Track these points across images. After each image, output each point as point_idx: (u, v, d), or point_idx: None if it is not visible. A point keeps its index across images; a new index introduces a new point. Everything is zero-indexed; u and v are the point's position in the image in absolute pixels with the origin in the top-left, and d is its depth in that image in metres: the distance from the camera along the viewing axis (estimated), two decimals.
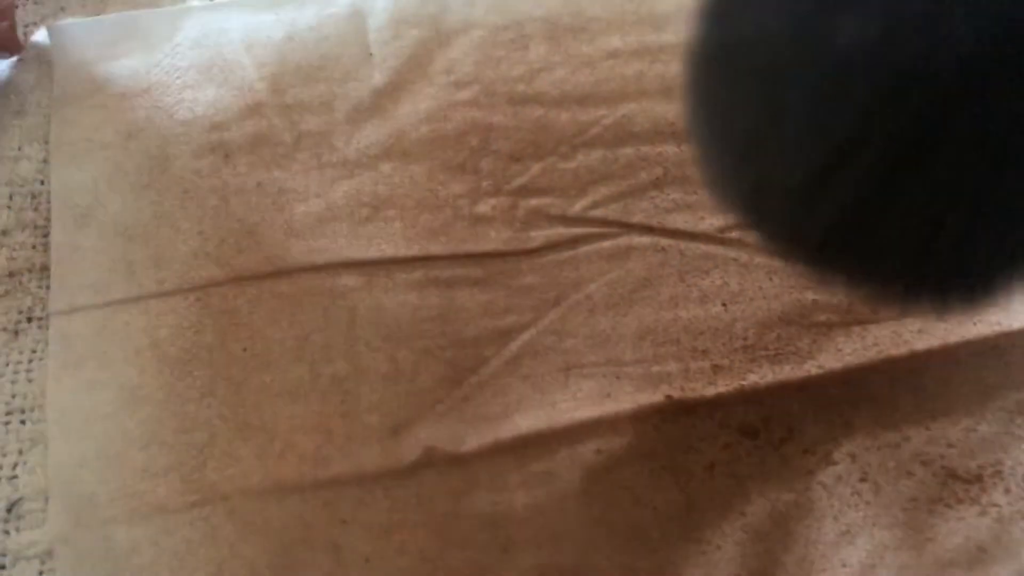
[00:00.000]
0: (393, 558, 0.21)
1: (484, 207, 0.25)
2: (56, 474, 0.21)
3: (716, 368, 0.24)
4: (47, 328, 0.23)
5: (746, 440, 0.23)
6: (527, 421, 0.23)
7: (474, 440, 0.22)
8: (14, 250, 0.24)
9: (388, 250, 0.24)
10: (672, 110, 0.27)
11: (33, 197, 0.25)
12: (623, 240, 0.25)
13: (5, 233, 0.24)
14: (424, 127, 0.26)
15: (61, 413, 0.22)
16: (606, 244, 0.25)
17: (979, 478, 0.22)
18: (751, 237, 0.25)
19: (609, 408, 0.23)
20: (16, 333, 0.23)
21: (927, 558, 0.21)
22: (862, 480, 0.22)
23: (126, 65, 0.25)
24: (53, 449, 0.22)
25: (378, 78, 0.27)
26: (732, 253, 0.25)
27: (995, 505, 0.22)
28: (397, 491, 0.22)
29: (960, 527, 0.22)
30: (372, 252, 0.24)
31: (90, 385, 0.22)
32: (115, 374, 0.22)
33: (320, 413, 0.23)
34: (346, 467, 0.22)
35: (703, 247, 0.25)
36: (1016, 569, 0.22)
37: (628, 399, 0.23)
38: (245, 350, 0.23)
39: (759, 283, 0.25)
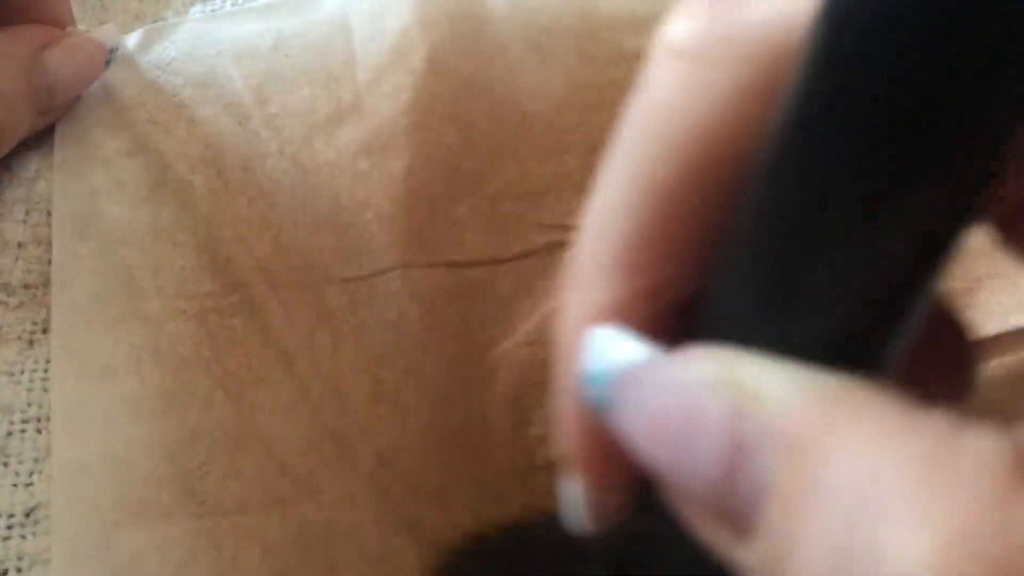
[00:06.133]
0: None
1: (462, 208, 0.25)
2: (60, 477, 0.22)
3: None
4: None
5: None
6: (501, 454, 0.23)
7: (453, 472, 0.23)
8: (29, 263, 0.25)
9: (367, 263, 0.25)
10: None
11: (48, 214, 0.25)
12: None
13: (20, 246, 0.25)
14: (403, 120, 0.26)
15: (65, 417, 0.23)
16: None
17: None
18: None
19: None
20: (31, 343, 0.24)
21: None
22: None
23: (124, 81, 0.26)
24: (56, 452, 0.22)
25: (360, 76, 0.26)
26: None
27: None
28: (386, 520, 0.22)
29: None
30: (353, 269, 0.25)
31: (93, 391, 0.23)
32: (117, 381, 0.23)
33: (310, 435, 0.23)
34: (338, 493, 0.22)
35: None
36: None
37: None
38: (240, 366, 0.24)
39: None
